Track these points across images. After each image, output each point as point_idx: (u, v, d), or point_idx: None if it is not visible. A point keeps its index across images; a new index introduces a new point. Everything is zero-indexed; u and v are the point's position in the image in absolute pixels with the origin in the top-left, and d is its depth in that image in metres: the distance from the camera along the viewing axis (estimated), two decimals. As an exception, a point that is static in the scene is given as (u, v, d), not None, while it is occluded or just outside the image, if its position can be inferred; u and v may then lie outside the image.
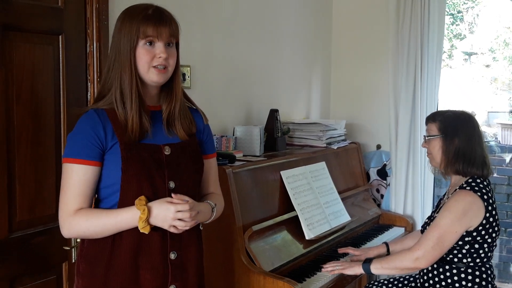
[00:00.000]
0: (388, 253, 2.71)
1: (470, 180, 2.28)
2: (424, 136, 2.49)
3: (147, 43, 1.61)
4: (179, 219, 1.58)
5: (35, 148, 2.02)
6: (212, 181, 1.89)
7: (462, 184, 2.29)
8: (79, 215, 1.58)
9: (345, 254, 2.75)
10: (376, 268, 2.37)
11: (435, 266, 2.33)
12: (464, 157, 2.30)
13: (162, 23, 1.62)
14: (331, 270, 2.48)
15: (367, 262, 2.41)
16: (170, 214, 1.57)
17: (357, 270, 2.43)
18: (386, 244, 2.75)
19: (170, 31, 1.63)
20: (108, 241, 1.62)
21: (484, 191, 2.24)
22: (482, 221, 2.21)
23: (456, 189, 2.30)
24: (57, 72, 2.10)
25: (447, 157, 2.34)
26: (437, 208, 2.45)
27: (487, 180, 2.32)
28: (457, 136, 2.31)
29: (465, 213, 2.20)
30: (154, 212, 1.57)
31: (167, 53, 1.62)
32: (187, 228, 1.62)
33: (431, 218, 2.42)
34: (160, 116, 1.71)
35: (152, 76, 1.63)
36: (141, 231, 1.57)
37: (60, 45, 2.10)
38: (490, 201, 2.24)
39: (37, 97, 2.02)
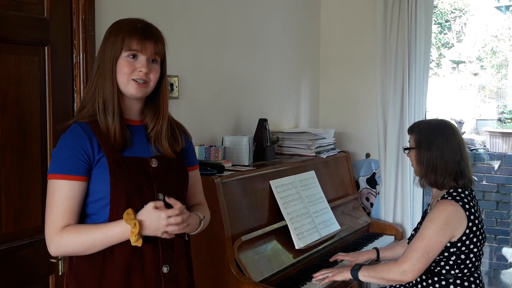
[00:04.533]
0: (378, 258, 2.72)
1: (451, 191, 2.29)
2: (403, 147, 2.52)
3: (130, 56, 1.60)
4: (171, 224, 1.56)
5: (20, 159, 2.00)
6: (197, 192, 1.87)
7: (444, 195, 2.29)
8: (67, 232, 1.55)
9: (336, 263, 2.75)
10: (364, 276, 2.36)
11: (423, 277, 2.33)
12: (436, 170, 2.30)
13: (148, 38, 1.61)
14: (321, 278, 2.48)
15: (356, 268, 2.41)
16: (162, 221, 1.54)
17: (346, 275, 2.42)
18: (377, 249, 2.75)
19: (155, 48, 1.62)
20: (99, 259, 1.59)
21: (465, 200, 2.24)
22: (465, 231, 2.20)
23: (438, 200, 2.31)
24: (43, 83, 2.08)
25: (421, 169, 2.36)
26: (422, 219, 2.45)
27: (469, 190, 2.32)
28: (430, 149, 2.31)
29: (448, 223, 2.20)
30: (146, 223, 1.54)
31: (148, 68, 1.60)
32: (178, 231, 1.59)
33: (416, 230, 2.42)
34: (143, 131, 1.69)
35: (130, 89, 1.61)
36: (133, 244, 1.54)
37: (46, 56, 2.09)
38: (473, 210, 2.23)
39: (22, 108, 2.01)
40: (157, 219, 1.54)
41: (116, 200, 1.57)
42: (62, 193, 1.55)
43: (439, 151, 2.30)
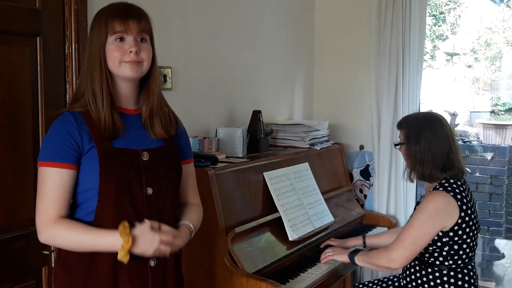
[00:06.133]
0: (364, 245, 2.80)
1: (443, 181, 2.30)
2: (394, 143, 2.55)
3: (117, 39, 1.58)
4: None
5: (12, 151, 1.99)
6: (191, 188, 1.86)
7: (436, 186, 2.31)
8: (60, 226, 1.54)
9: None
10: (359, 260, 2.47)
11: (417, 268, 2.35)
12: (423, 163, 2.32)
13: (130, 17, 1.59)
14: (324, 258, 2.63)
15: (354, 252, 2.52)
16: (154, 243, 1.55)
17: (345, 258, 2.55)
18: (363, 236, 2.84)
19: (139, 25, 1.60)
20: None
21: (457, 190, 2.25)
22: (457, 221, 2.22)
23: (430, 191, 2.32)
24: (35, 74, 2.07)
25: (410, 163, 2.39)
26: (415, 210, 2.47)
27: (461, 180, 2.33)
28: (418, 143, 2.34)
29: (438, 214, 2.22)
30: (139, 242, 1.54)
31: (137, 47, 1.59)
32: (167, 253, 1.61)
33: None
34: (139, 119, 1.68)
35: (124, 71, 1.59)
36: (119, 259, 1.53)
37: (38, 47, 2.07)
38: (465, 200, 2.25)
39: (14, 99, 1.99)
40: (151, 240, 1.55)
41: (105, 192, 1.56)
42: (52, 181, 1.54)
43: (427, 144, 2.32)
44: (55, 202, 1.55)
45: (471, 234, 2.26)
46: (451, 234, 2.23)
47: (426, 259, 2.31)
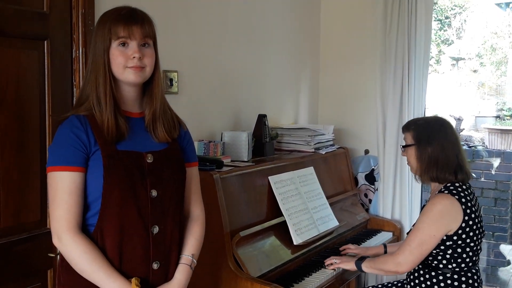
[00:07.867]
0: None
1: (448, 185, 2.31)
2: (401, 145, 2.53)
3: (121, 44, 1.59)
4: None
5: (19, 153, 2.00)
6: (193, 194, 1.85)
7: (441, 189, 2.31)
8: (80, 243, 1.54)
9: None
10: (366, 267, 2.46)
11: (421, 272, 2.35)
12: (437, 165, 2.32)
13: (134, 23, 1.59)
14: (329, 263, 2.62)
15: (360, 260, 2.51)
16: None
17: (351, 266, 2.54)
18: (384, 245, 2.81)
19: (143, 31, 1.61)
20: None
21: (462, 194, 2.26)
22: (461, 224, 2.22)
23: (436, 193, 2.32)
24: (42, 78, 2.08)
25: (421, 165, 2.38)
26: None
27: (466, 184, 2.34)
28: (430, 144, 2.34)
29: (443, 216, 2.23)
30: None
31: (141, 53, 1.60)
32: None
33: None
34: (142, 123, 1.69)
35: (128, 76, 1.60)
36: None
37: (45, 50, 2.08)
38: (469, 204, 2.25)
39: (21, 102, 2.00)
40: None
41: (108, 194, 1.57)
42: (65, 186, 1.54)
43: (439, 146, 2.32)
44: (72, 208, 1.55)
45: (474, 238, 2.26)
46: (455, 237, 2.23)
47: (429, 262, 2.32)
